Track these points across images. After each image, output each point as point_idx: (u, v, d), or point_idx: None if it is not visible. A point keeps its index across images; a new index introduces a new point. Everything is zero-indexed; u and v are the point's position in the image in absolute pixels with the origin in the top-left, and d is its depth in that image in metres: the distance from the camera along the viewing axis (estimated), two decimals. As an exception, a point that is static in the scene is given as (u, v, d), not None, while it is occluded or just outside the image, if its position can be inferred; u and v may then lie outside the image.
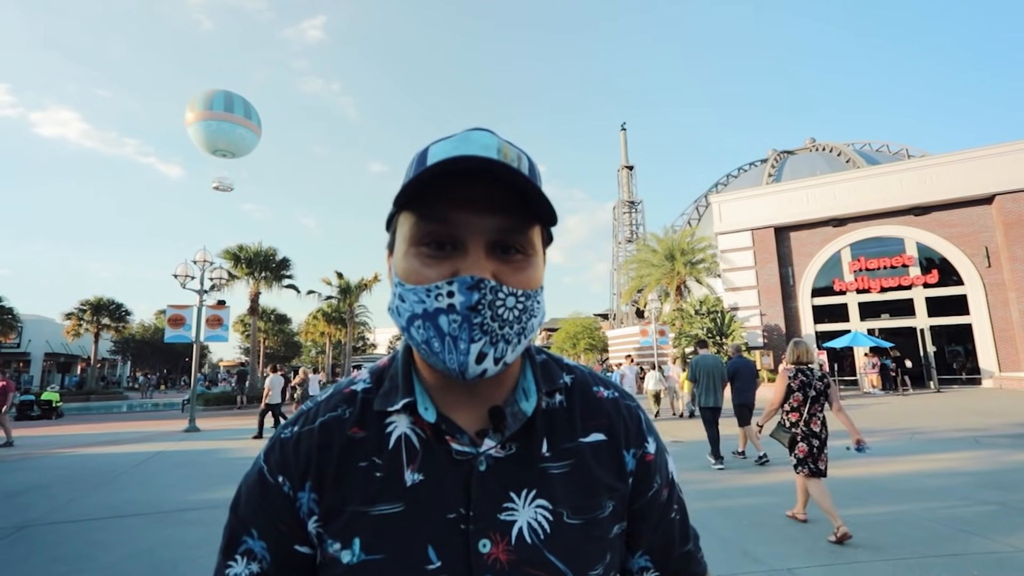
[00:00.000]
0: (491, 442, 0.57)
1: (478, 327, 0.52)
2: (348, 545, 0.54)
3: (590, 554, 0.57)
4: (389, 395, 0.60)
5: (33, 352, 39.79)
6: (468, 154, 0.51)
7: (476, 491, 0.55)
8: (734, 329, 21.79)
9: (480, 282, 0.52)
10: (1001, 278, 19.93)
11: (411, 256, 0.55)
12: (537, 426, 0.60)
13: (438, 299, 0.52)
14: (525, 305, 0.55)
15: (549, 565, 0.54)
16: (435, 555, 0.53)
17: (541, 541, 0.55)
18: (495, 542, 0.54)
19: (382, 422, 0.59)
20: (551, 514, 0.56)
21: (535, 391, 0.61)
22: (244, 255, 24.81)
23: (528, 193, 0.53)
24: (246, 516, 0.59)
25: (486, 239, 0.53)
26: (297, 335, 51.15)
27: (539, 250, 0.58)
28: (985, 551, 3.71)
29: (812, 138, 36.89)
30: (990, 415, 11.90)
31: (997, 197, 20.00)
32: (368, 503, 0.55)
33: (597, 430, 0.63)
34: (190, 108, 21.17)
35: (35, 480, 7.07)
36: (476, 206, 0.53)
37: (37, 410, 19.43)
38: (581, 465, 0.60)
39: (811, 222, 23.03)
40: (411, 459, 0.57)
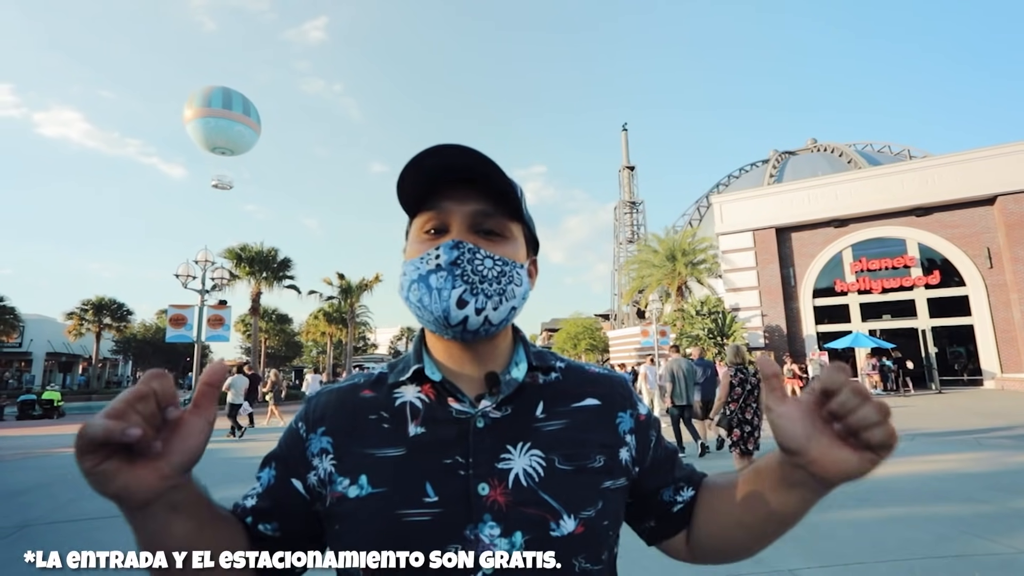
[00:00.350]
0: (487, 403, 0.66)
1: (459, 276, 0.63)
2: (355, 481, 0.63)
3: (582, 496, 0.64)
4: (401, 371, 0.70)
5: (35, 352, 39.85)
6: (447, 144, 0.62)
7: (474, 443, 0.63)
8: (735, 330, 21.78)
9: (459, 243, 0.64)
10: (1003, 279, 19.90)
11: (415, 243, 0.68)
12: (532, 394, 0.69)
13: (428, 263, 0.65)
14: (503, 269, 0.66)
15: (543, 503, 0.61)
16: (432, 490, 0.61)
17: (536, 483, 0.62)
18: (493, 486, 0.61)
19: (391, 391, 0.69)
20: (544, 460, 0.64)
21: (526, 363, 0.71)
22: (246, 255, 24.87)
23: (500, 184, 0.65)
24: (271, 453, 0.72)
25: (467, 221, 0.66)
26: (298, 335, 51.19)
27: (517, 238, 0.70)
28: (987, 552, 3.70)
29: (814, 139, 36.85)
30: (992, 416, 11.87)
31: (999, 198, 19.97)
32: (374, 447, 0.65)
33: (591, 396, 0.72)
34: (188, 105, 21.13)
35: (36, 479, 7.08)
36: (457, 199, 0.66)
37: (39, 409, 19.47)
38: (573, 424, 0.68)
39: (812, 223, 23.01)
40: (414, 417, 0.66)
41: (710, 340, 21.96)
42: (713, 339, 21.92)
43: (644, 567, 3.43)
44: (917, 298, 21.25)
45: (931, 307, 21.08)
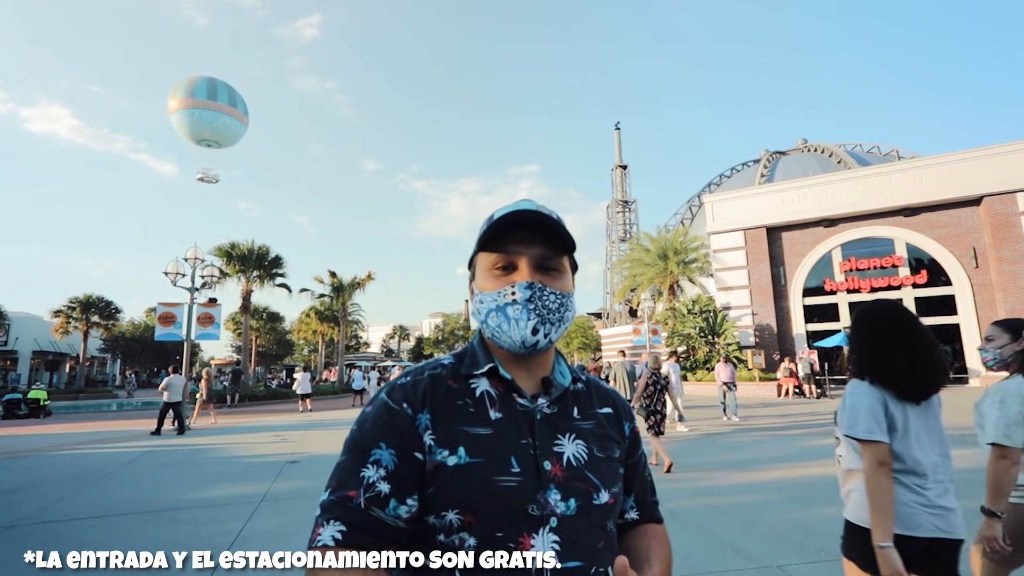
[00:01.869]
0: (544, 400, 0.85)
1: (533, 311, 0.81)
2: (455, 452, 0.77)
3: (611, 477, 0.85)
4: (472, 365, 0.86)
5: (21, 350, 39.20)
6: (520, 208, 0.83)
7: (538, 430, 0.81)
8: (726, 328, 21.92)
9: (532, 284, 0.82)
10: (988, 279, 20.20)
11: (487, 277, 0.85)
12: (570, 398, 0.89)
13: (505, 297, 0.82)
14: (561, 300, 0.84)
15: (588, 480, 0.81)
16: (516, 463, 0.77)
17: (582, 464, 0.82)
18: (553, 464, 0.79)
19: (467, 382, 0.85)
20: (586, 449, 0.84)
21: (568, 372, 0.91)
22: (236, 253, 24.59)
23: (557, 231, 0.84)
24: (377, 435, 0.79)
25: (533, 262, 0.83)
26: (289, 333, 50.83)
27: (568, 271, 0.88)
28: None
29: (804, 139, 37.16)
30: (977, 414, 12.01)
31: (985, 199, 20.25)
32: (467, 425, 0.79)
33: (607, 406, 0.94)
34: (172, 96, 20.67)
35: (24, 479, 6.98)
36: (525, 243, 0.83)
37: (24, 409, 19.17)
38: (600, 424, 0.89)
39: (803, 222, 23.22)
40: (492, 404, 0.82)
41: (701, 339, 22.11)
42: (704, 337, 22.06)
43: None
44: (905, 297, 21.50)
45: (918, 306, 21.35)
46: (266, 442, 10.37)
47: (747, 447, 8.50)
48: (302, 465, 7.66)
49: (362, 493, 0.74)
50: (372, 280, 30.67)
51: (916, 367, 1.76)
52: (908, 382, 1.75)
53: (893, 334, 1.81)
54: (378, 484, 0.75)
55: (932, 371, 1.78)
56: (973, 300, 20.37)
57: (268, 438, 11.00)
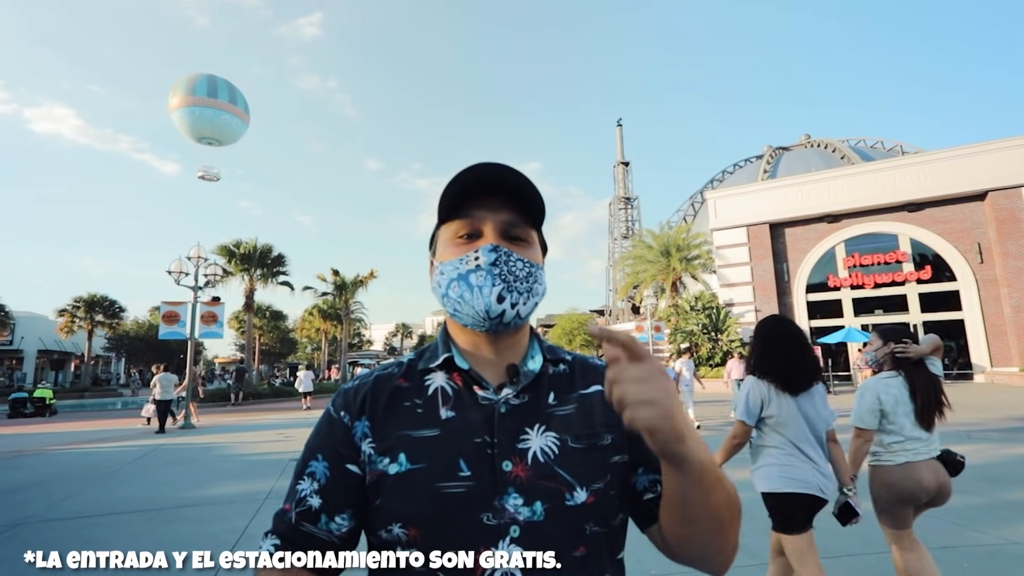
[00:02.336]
0: (508, 391, 0.74)
1: (497, 275, 0.72)
2: (395, 459, 0.70)
3: (592, 470, 0.71)
4: (429, 359, 0.78)
5: (26, 349, 39.43)
6: (485, 162, 0.74)
7: (498, 426, 0.71)
8: (729, 325, 21.89)
9: (497, 247, 0.73)
10: (993, 274, 20.10)
11: (450, 246, 0.76)
12: (545, 383, 0.77)
13: (467, 264, 0.73)
14: (529, 270, 0.75)
15: (559, 477, 0.69)
16: (465, 466, 0.69)
17: (551, 460, 0.70)
18: (515, 463, 0.69)
19: (422, 378, 0.77)
20: (558, 440, 0.72)
21: (540, 356, 0.80)
22: (239, 251, 24.64)
23: (527, 197, 0.75)
24: (314, 446, 0.76)
25: (498, 229, 0.75)
26: (293, 332, 50.96)
27: (536, 244, 0.79)
28: (976, 544, 3.76)
29: (807, 134, 36.98)
30: (981, 409, 12.01)
31: (990, 194, 20.14)
32: (411, 428, 0.72)
33: (595, 384, 0.79)
34: (173, 93, 20.65)
35: (30, 477, 7.03)
36: (490, 208, 0.75)
37: (30, 407, 19.29)
38: (581, 408, 0.76)
39: (806, 218, 23.14)
40: (445, 402, 0.74)
41: (704, 335, 22.08)
42: (707, 334, 22.03)
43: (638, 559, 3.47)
44: (909, 293, 21.43)
45: (922, 302, 21.27)
46: (270, 440, 10.41)
47: (750, 444, 8.50)
48: (306, 463, 7.69)
49: (294, 507, 0.72)
50: (374, 278, 30.72)
51: (790, 368, 2.35)
52: (784, 379, 2.35)
53: (775, 343, 2.41)
54: (309, 499, 0.72)
55: (803, 371, 2.37)
56: (978, 295, 20.27)
57: (272, 436, 11.04)
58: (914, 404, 2.54)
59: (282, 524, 0.73)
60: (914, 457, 2.51)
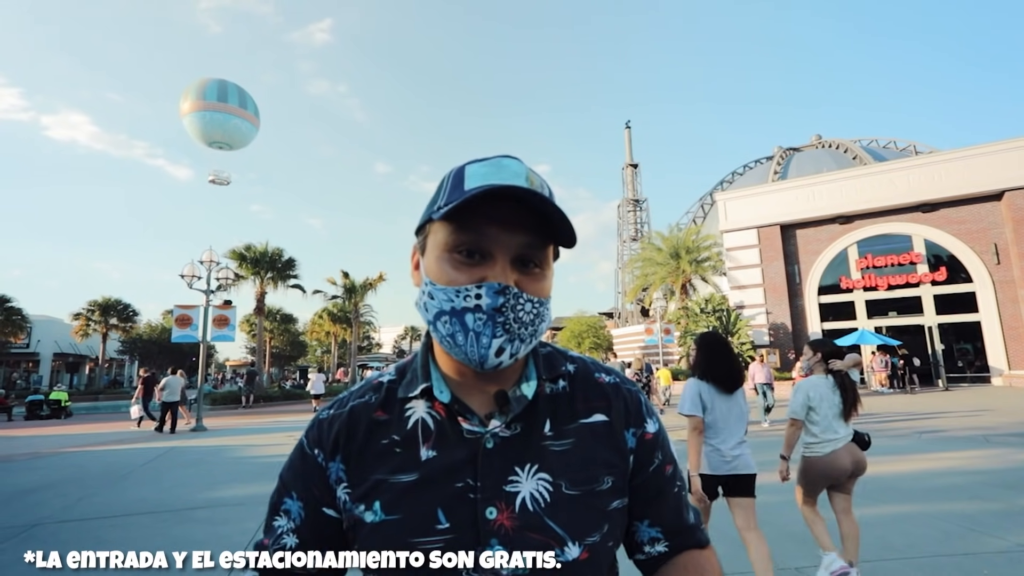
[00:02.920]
0: (496, 422, 0.65)
1: (501, 325, 0.60)
2: (370, 507, 0.64)
3: (587, 522, 0.63)
4: (410, 384, 0.69)
5: (42, 352, 40.13)
6: (503, 183, 0.59)
7: (483, 465, 0.63)
8: (739, 327, 21.70)
9: (506, 288, 0.60)
10: (1011, 275, 19.75)
11: (444, 261, 0.62)
12: (540, 408, 0.67)
13: (466, 299, 0.60)
14: (539, 311, 0.63)
15: (549, 530, 0.61)
16: (444, 517, 0.61)
17: (542, 509, 0.62)
18: (500, 510, 0.61)
19: (403, 407, 0.68)
20: (551, 485, 0.63)
21: (535, 377, 0.69)
22: (250, 255, 24.90)
23: (551, 216, 0.61)
24: (288, 481, 0.71)
25: (512, 253, 0.61)
26: (303, 335, 51.32)
27: (551, 266, 0.67)
28: (996, 550, 3.68)
29: (818, 135, 36.65)
30: (999, 413, 11.78)
31: (1006, 193, 19.81)
32: (388, 473, 0.64)
33: (598, 411, 0.70)
34: (184, 98, 20.96)
35: (45, 479, 7.13)
36: (505, 224, 0.61)
37: (46, 409, 19.60)
38: (581, 443, 0.67)
39: (817, 219, 22.90)
40: (426, 438, 0.65)
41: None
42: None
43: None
44: (923, 295, 21.11)
45: (937, 304, 20.94)
46: (281, 443, 10.46)
47: (765, 447, 8.40)
48: (316, 465, 7.73)
49: (272, 544, 0.68)
50: (384, 281, 30.87)
51: (720, 373, 2.99)
52: (716, 381, 2.98)
53: (710, 353, 3.05)
54: (284, 537, 0.67)
55: (729, 376, 3.00)
56: (995, 297, 19.92)
57: (283, 439, 11.10)
58: (842, 402, 3.17)
59: (262, 559, 0.68)
60: (836, 446, 3.14)
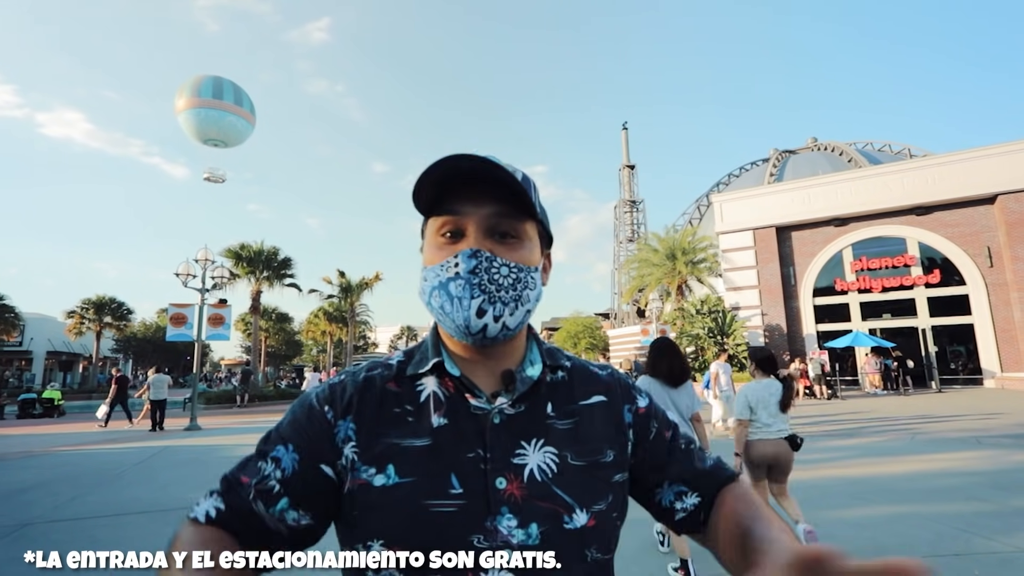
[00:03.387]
0: (503, 400, 0.68)
1: (476, 286, 0.65)
2: (382, 470, 0.64)
3: (593, 491, 0.67)
4: (419, 363, 0.72)
5: (35, 350, 39.81)
6: (464, 154, 0.64)
7: (491, 439, 0.66)
8: (735, 329, 21.77)
9: (477, 252, 0.65)
10: (1003, 278, 19.89)
11: (432, 246, 0.70)
12: (543, 392, 0.71)
13: (448, 271, 0.66)
14: (518, 276, 0.67)
15: (557, 498, 0.65)
16: (457, 482, 0.63)
17: (549, 479, 0.65)
18: (510, 480, 0.64)
19: (413, 383, 0.71)
20: (557, 457, 0.67)
21: (540, 361, 0.73)
22: (246, 254, 24.79)
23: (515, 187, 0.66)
24: (287, 434, 0.69)
25: (482, 225, 0.67)
26: (298, 334, 51.15)
27: (532, 238, 0.71)
28: (987, 551, 3.71)
29: (814, 137, 36.80)
30: (992, 415, 11.87)
31: (999, 197, 19.95)
32: (401, 438, 0.66)
33: (597, 393, 0.75)
34: (179, 95, 20.80)
35: (37, 478, 7.08)
36: (475, 201, 0.67)
37: (39, 408, 19.45)
38: (582, 421, 0.71)
39: (813, 222, 22.99)
40: (437, 409, 0.68)
41: (710, 339, 21.96)
42: (713, 338, 21.92)
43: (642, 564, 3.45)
44: (917, 297, 21.24)
45: (931, 306, 21.07)
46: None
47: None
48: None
49: (253, 484, 0.66)
50: (380, 280, 30.84)
51: (669, 370, 3.53)
52: (666, 377, 3.51)
53: (660, 354, 3.60)
54: (270, 481, 0.66)
55: (677, 372, 3.52)
56: (988, 300, 20.05)
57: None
58: (781, 400, 3.81)
59: (233, 493, 0.66)
60: (764, 436, 3.78)
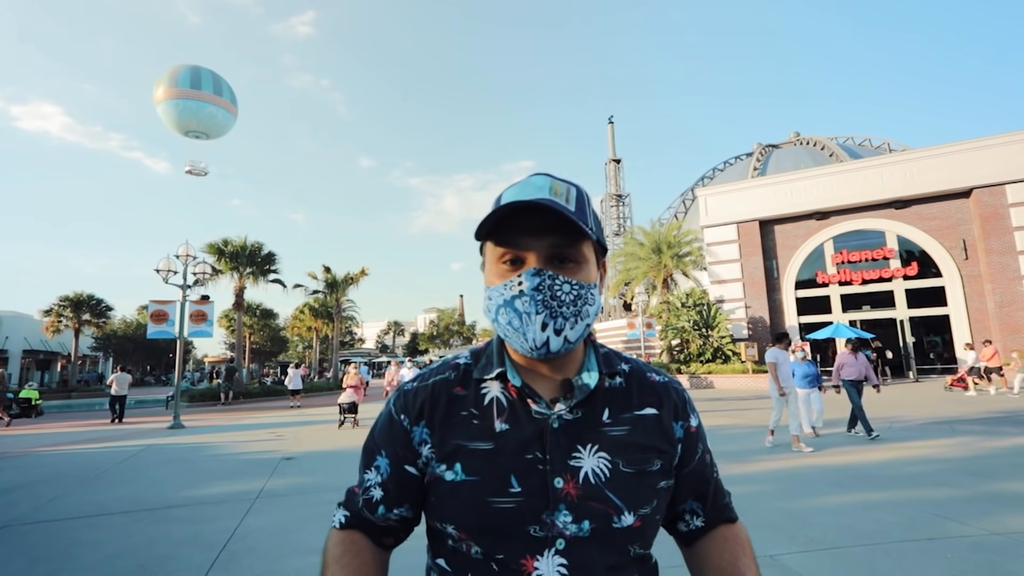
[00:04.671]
0: (562, 406, 0.75)
1: (540, 302, 0.70)
2: (451, 468, 0.74)
3: (640, 496, 0.74)
4: (485, 368, 0.79)
5: (11, 349, 38.77)
6: (525, 198, 0.70)
7: (550, 442, 0.72)
8: (719, 321, 22.04)
9: (540, 270, 0.71)
10: (978, 270, 20.40)
11: (494, 272, 0.75)
12: (600, 399, 0.77)
13: (512, 289, 0.72)
14: (578, 292, 0.73)
15: (608, 500, 0.71)
16: (516, 482, 0.71)
17: (603, 482, 0.72)
18: (567, 480, 0.71)
19: (479, 387, 0.79)
20: (610, 463, 0.73)
21: (596, 370, 0.79)
22: (229, 249, 24.38)
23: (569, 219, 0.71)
24: (379, 441, 0.82)
25: (542, 253, 0.72)
26: (283, 330, 50.59)
27: (590, 259, 0.76)
28: (959, 535, 3.83)
29: (797, 132, 37.27)
30: (965, 404, 12.22)
31: (974, 191, 20.42)
32: (467, 440, 0.74)
33: (650, 405, 0.80)
34: (157, 86, 20.28)
35: (16, 479, 6.93)
36: (535, 232, 0.72)
37: (16, 408, 18.99)
38: (635, 431, 0.77)
39: (795, 215, 23.31)
40: (500, 414, 0.75)
41: (695, 332, 22.22)
42: (698, 331, 22.17)
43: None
44: (896, 289, 21.69)
45: (909, 298, 21.55)
46: (261, 439, 10.34)
47: (740, 439, 8.58)
48: (297, 462, 7.65)
49: (360, 494, 0.82)
50: (366, 276, 30.57)
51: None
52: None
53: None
54: (372, 489, 0.80)
55: None
56: (963, 291, 20.56)
57: (263, 435, 10.98)
58: None
59: (351, 503, 0.83)
60: None
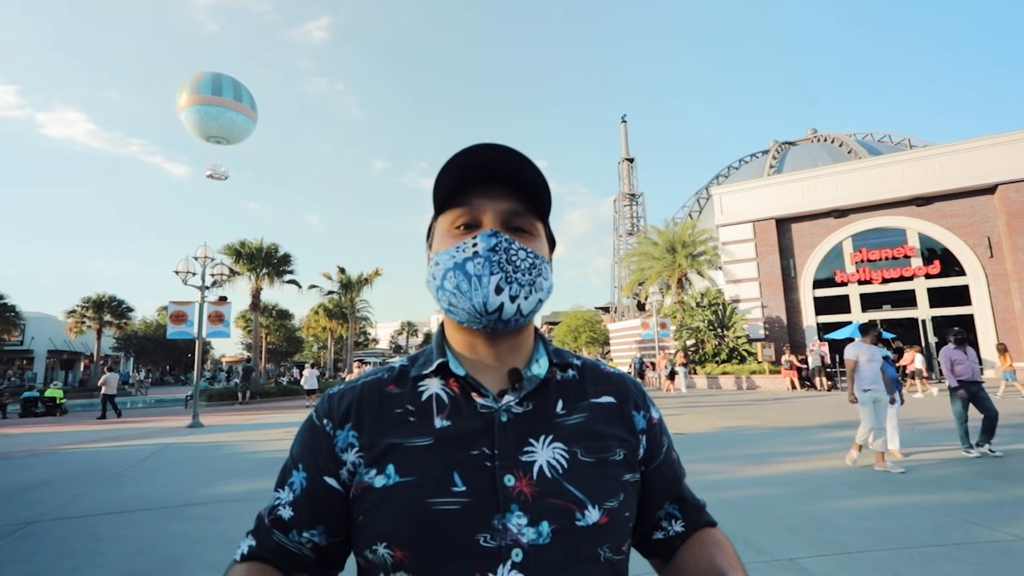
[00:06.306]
0: (510, 398, 0.67)
1: (496, 264, 0.66)
2: (383, 471, 0.64)
3: (604, 487, 0.66)
4: (423, 365, 0.72)
5: (36, 349, 39.83)
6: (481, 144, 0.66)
7: (499, 437, 0.65)
8: (735, 321, 21.79)
9: (497, 232, 0.67)
10: (1003, 268, 19.88)
11: (445, 237, 0.70)
12: (553, 391, 0.71)
13: (465, 251, 0.67)
14: (533, 261, 0.69)
15: (568, 494, 0.63)
16: (460, 480, 0.62)
17: (560, 475, 0.64)
18: (519, 478, 0.63)
19: (415, 384, 0.70)
20: (567, 452, 0.66)
21: (546, 360, 0.73)
22: (246, 251, 24.75)
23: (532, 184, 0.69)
24: (296, 454, 0.71)
25: (499, 218, 0.69)
26: (299, 330, 51.20)
27: (542, 236, 0.73)
28: (987, 540, 3.73)
29: (814, 129, 36.70)
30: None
31: (1000, 187, 19.91)
32: (402, 438, 0.66)
33: (607, 394, 0.74)
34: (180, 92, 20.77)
35: (41, 476, 7.11)
36: (491, 194, 0.69)
37: (41, 407, 19.49)
38: (592, 418, 0.70)
39: (812, 213, 22.96)
40: (440, 411, 0.67)
41: (710, 332, 21.99)
42: (713, 331, 21.95)
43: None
44: (917, 288, 21.24)
45: (931, 297, 21.08)
46: (278, 439, 10.46)
47: (760, 441, 8.46)
48: (313, 461, 7.72)
49: (266, 515, 0.70)
50: (380, 276, 30.82)
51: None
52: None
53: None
54: (280, 509, 0.69)
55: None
56: (988, 290, 20.06)
57: (280, 435, 11.10)
58: None
59: (259, 529, 0.70)
60: None
